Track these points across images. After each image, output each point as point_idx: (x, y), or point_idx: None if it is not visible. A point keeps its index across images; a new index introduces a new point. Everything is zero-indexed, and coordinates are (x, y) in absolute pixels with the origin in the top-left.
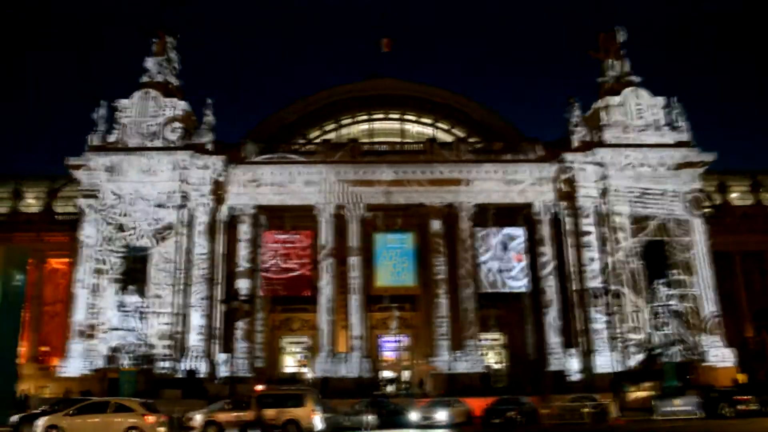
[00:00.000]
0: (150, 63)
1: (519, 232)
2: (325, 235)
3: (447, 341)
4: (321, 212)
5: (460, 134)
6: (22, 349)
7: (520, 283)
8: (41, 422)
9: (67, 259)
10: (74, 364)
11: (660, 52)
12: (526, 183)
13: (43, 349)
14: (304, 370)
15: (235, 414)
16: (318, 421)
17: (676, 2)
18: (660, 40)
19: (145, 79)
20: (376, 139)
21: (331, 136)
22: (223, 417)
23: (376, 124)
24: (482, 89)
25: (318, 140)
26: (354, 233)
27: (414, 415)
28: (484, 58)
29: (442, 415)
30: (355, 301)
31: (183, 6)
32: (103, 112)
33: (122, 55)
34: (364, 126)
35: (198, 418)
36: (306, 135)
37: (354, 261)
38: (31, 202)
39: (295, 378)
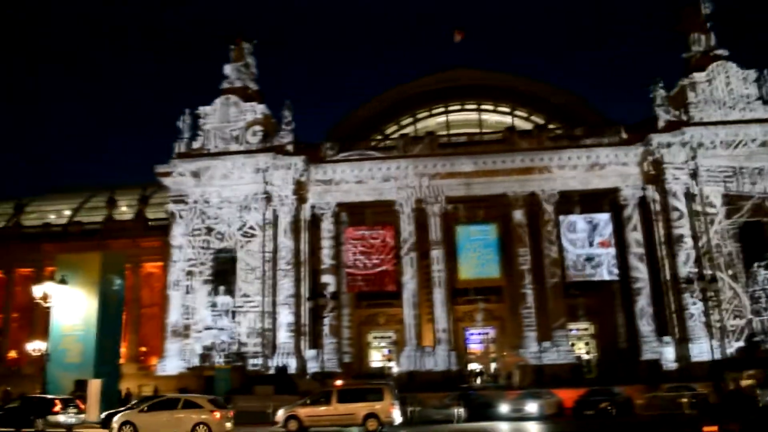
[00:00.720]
0: (229, 69)
1: (605, 218)
2: (407, 229)
3: (534, 332)
4: (401, 207)
5: (540, 121)
6: (124, 349)
7: (607, 271)
8: (116, 419)
9: (160, 263)
10: (171, 363)
11: (747, 23)
12: (611, 167)
13: (143, 349)
14: (391, 364)
15: (314, 408)
16: (397, 414)
17: None
18: (747, 9)
19: (225, 85)
20: (453, 131)
21: (408, 130)
22: (302, 411)
23: (453, 116)
24: (554, 74)
25: (395, 135)
26: (435, 227)
27: (504, 408)
28: (552, 42)
29: (532, 407)
30: (439, 294)
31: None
32: (187, 120)
33: (203, 63)
34: (441, 118)
35: (280, 413)
36: (383, 131)
37: (436, 254)
38: (125, 210)
39: (382, 372)
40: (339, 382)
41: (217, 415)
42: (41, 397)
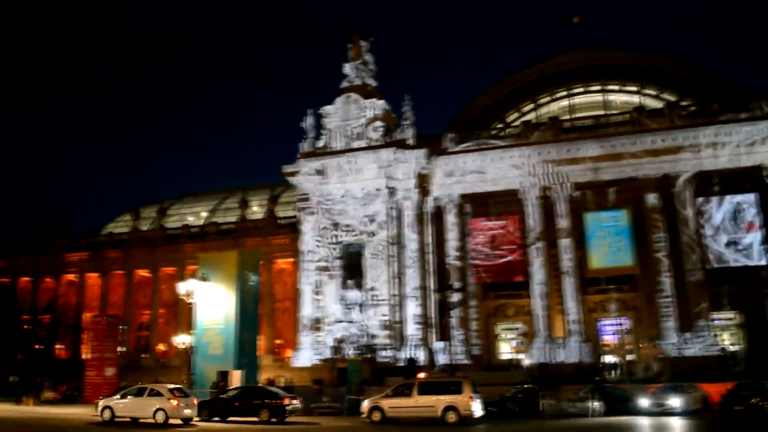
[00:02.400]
0: (348, 68)
1: (749, 199)
2: (532, 218)
3: (673, 322)
4: (526, 195)
5: (671, 98)
6: (260, 342)
7: (754, 256)
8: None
9: (291, 259)
10: (304, 355)
11: None
12: (754, 143)
13: (278, 341)
14: (521, 356)
15: (396, 400)
16: (477, 407)
17: None
18: None
19: (344, 84)
20: (577, 115)
21: (530, 117)
22: (385, 403)
23: (576, 99)
24: (681, 48)
25: (517, 123)
26: (562, 214)
27: (644, 402)
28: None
29: (675, 402)
30: (569, 284)
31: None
32: (310, 120)
33: (324, 63)
34: (564, 102)
35: (365, 404)
36: (504, 119)
37: (565, 243)
38: (256, 210)
39: (511, 364)
40: (422, 375)
41: (174, 402)
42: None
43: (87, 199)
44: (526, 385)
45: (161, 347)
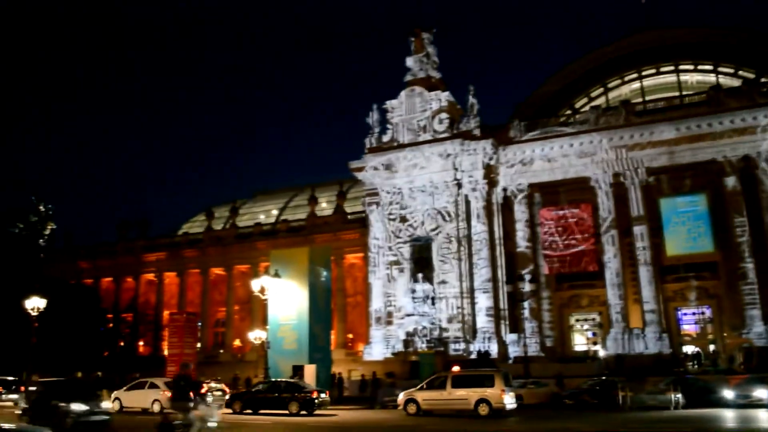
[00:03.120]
0: (411, 61)
1: None
2: (605, 206)
3: (758, 311)
4: (597, 183)
5: (749, 75)
6: (333, 336)
7: None
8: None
9: (360, 254)
10: (376, 349)
11: None
12: None
13: (350, 336)
14: (596, 347)
15: (430, 393)
16: (509, 400)
17: None
18: None
19: (408, 77)
20: (649, 97)
21: (599, 101)
22: (420, 396)
23: (648, 81)
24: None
25: (585, 108)
26: (636, 201)
27: (728, 394)
28: None
29: (762, 393)
30: (645, 272)
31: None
32: (375, 115)
33: (386, 58)
34: (635, 85)
35: (401, 397)
36: (572, 104)
37: (639, 230)
38: (325, 206)
39: (586, 356)
40: (456, 368)
41: (168, 394)
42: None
43: (163, 200)
44: (603, 377)
45: (237, 343)
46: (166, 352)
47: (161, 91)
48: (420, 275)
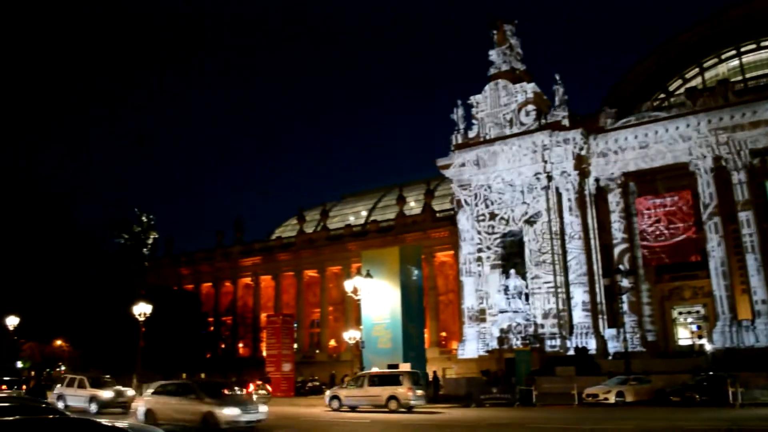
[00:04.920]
0: (494, 55)
1: None
2: (706, 192)
3: None
4: (697, 168)
5: None
6: (426, 335)
7: None
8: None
9: (450, 252)
10: (470, 347)
11: None
12: None
13: (443, 334)
14: (702, 341)
15: (351, 391)
16: (414, 397)
17: None
18: None
19: (492, 71)
20: (750, 75)
21: (695, 82)
22: (342, 393)
23: (747, 57)
24: None
25: (680, 91)
26: (740, 185)
27: None
28: None
29: None
30: (753, 260)
31: None
32: (460, 111)
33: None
34: (733, 63)
35: (327, 393)
36: (666, 88)
37: (745, 216)
38: (413, 205)
39: (691, 350)
40: (375, 369)
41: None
42: None
43: (256, 205)
44: (710, 372)
45: (332, 343)
46: (264, 353)
47: (251, 98)
48: (512, 271)
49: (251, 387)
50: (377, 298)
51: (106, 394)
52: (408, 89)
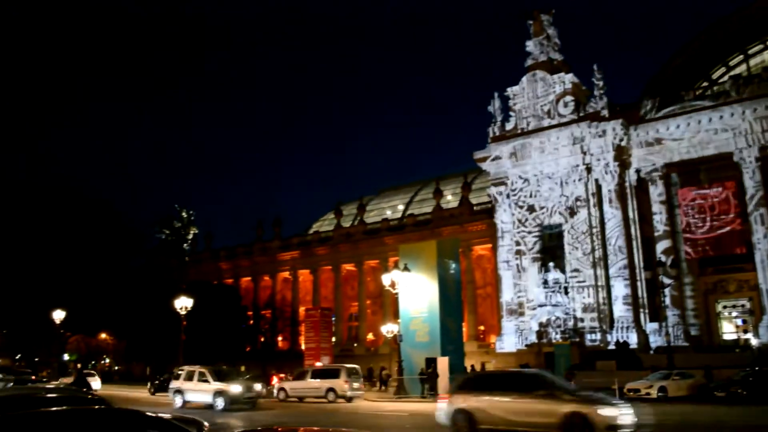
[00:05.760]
0: (531, 45)
1: None
2: (751, 183)
3: None
4: (742, 158)
5: None
6: (464, 329)
7: None
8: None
9: (488, 245)
10: (508, 341)
11: None
12: None
13: (481, 328)
14: (747, 335)
15: (295, 383)
16: (350, 389)
17: None
18: None
19: (529, 62)
20: None
21: (740, 69)
22: (288, 385)
23: None
24: None
25: (724, 78)
26: None
27: None
28: None
29: None
30: None
31: None
32: (496, 103)
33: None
34: None
35: (276, 385)
36: (709, 76)
37: None
38: (450, 199)
39: (736, 345)
40: (318, 364)
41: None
42: None
43: (293, 199)
44: (756, 368)
45: (370, 336)
46: (303, 347)
47: (289, 93)
48: (551, 264)
49: (275, 379)
50: (415, 291)
51: (235, 388)
52: (446, 81)
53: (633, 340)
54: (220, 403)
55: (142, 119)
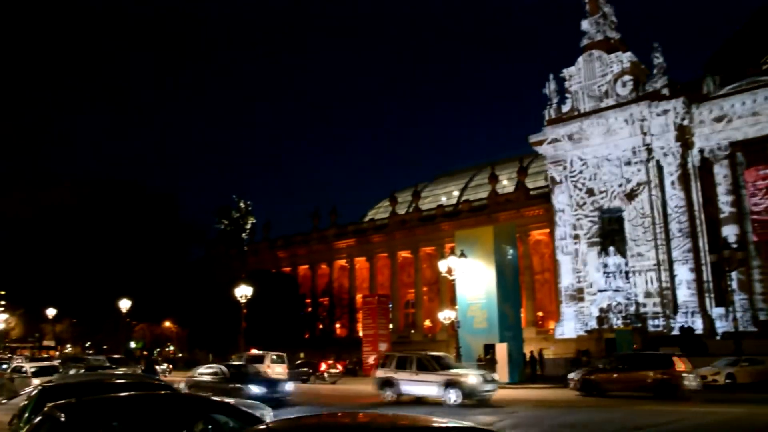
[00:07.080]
0: (586, 24)
1: None
2: None
3: None
4: None
5: None
6: (522, 315)
7: None
8: None
9: (545, 230)
10: (568, 327)
11: None
12: None
13: (539, 314)
14: None
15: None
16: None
17: None
18: None
19: (585, 41)
20: None
21: None
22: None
23: None
24: None
25: None
26: None
27: None
28: None
29: None
30: None
31: None
32: (552, 85)
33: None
34: None
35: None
36: None
37: None
38: (506, 183)
39: None
40: (254, 351)
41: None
42: None
43: (349, 187)
44: None
45: (427, 323)
46: (360, 333)
47: (344, 82)
48: (611, 249)
49: (323, 366)
50: (472, 278)
51: (472, 378)
52: (500, 64)
53: (698, 325)
54: (453, 396)
55: (201, 115)
